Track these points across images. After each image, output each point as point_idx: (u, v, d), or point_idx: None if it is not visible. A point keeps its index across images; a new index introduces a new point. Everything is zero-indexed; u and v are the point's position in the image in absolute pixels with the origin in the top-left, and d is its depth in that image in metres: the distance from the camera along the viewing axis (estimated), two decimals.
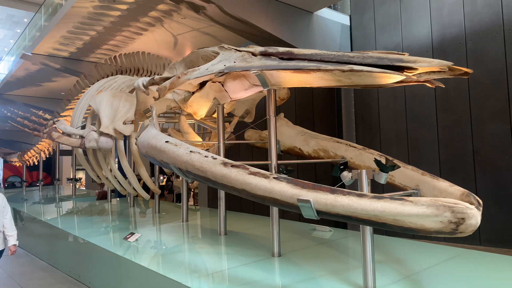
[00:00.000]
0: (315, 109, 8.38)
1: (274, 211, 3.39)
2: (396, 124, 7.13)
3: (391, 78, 2.37)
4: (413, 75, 2.17)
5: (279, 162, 3.44)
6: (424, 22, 6.82)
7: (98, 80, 7.70)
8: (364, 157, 3.60)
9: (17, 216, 7.08)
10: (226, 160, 2.66)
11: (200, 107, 4.60)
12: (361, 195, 2.07)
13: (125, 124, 5.10)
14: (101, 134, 5.10)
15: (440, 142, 6.51)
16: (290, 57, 2.93)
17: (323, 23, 7.54)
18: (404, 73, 2.15)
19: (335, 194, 2.12)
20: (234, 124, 5.10)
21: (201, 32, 8.25)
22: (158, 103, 4.74)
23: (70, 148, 15.02)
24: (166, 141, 3.14)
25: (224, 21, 6.62)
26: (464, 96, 6.21)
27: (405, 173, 2.96)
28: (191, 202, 15.73)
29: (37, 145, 11.17)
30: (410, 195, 2.39)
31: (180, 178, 13.89)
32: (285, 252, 3.43)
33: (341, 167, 2.58)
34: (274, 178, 2.36)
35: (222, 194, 4.33)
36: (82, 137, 5.25)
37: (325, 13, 7.59)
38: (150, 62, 6.46)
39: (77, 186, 15.77)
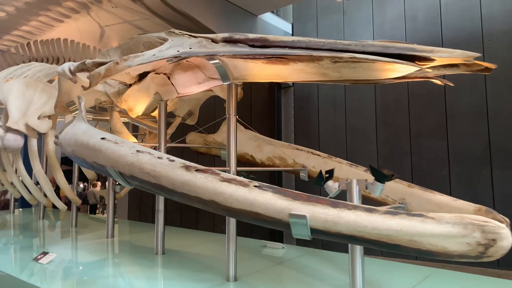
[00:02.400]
0: (253, 118, 8.03)
1: (232, 225, 2.87)
2: (335, 137, 7.02)
3: (393, 72, 2.03)
4: (428, 67, 1.84)
5: (239, 168, 2.94)
6: (367, 36, 6.84)
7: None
8: (329, 166, 3.24)
9: None
10: (188, 163, 2.10)
11: (137, 102, 3.94)
12: (371, 210, 1.66)
13: (40, 119, 4.21)
14: (8, 130, 4.15)
15: (379, 156, 6.51)
16: (264, 45, 2.48)
17: (266, 28, 7.25)
18: (418, 63, 1.81)
19: (338, 208, 1.68)
20: (176, 126, 4.50)
21: (133, 25, 7.45)
22: (85, 96, 3.96)
23: None
24: (103, 138, 2.47)
25: (163, 13, 5.98)
26: (403, 110, 6.28)
27: (387, 185, 2.64)
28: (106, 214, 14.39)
29: None
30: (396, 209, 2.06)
31: (98, 186, 12.59)
32: (241, 275, 2.91)
33: (326, 176, 2.17)
34: (255, 186, 1.86)
35: (161, 206, 3.68)
36: None
37: (269, 18, 7.31)
38: (74, 52, 5.59)
39: None
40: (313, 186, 2.73)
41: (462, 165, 5.70)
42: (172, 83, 3.54)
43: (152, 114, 4.21)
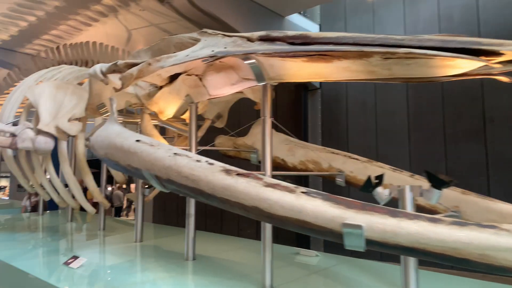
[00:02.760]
0: (278, 121, 7.89)
1: (267, 232, 2.73)
2: (365, 140, 6.81)
3: (453, 68, 1.86)
4: (495, 63, 1.67)
5: (274, 173, 2.81)
6: None
7: None
8: (369, 171, 3.07)
9: None
10: (228, 166, 1.99)
11: (168, 105, 3.87)
12: (435, 220, 1.50)
13: (71, 122, 4.19)
14: (39, 132, 4.14)
15: (411, 160, 6.27)
16: (305, 42, 2.34)
17: (294, 29, 7.11)
18: (483, 58, 1.65)
19: (398, 218, 1.53)
20: (205, 128, 4.41)
21: (159, 28, 7.46)
22: (115, 98, 3.91)
23: None
24: (137, 140, 2.38)
25: (190, 15, 5.93)
26: (438, 112, 6.03)
27: None
28: (131, 217, 14.50)
29: None
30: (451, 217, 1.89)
31: (114, 187, 12.61)
32: (277, 285, 2.77)
33: (376, 182, 2.01)
34: (303, 192, 1.72)
35: (192, 210, 3.58)
36: (13, 135, 4.24)
37: (296, 19, 7.18)
38: (102, 55, 5.58)
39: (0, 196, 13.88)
40: (341, 191, 2.57)
41: (502, 172, 5.41)
42: (203, 85, 3.44)
43: (182, 116, 4.13)
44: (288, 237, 6.83)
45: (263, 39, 2.65)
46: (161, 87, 3.76)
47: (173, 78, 3.65)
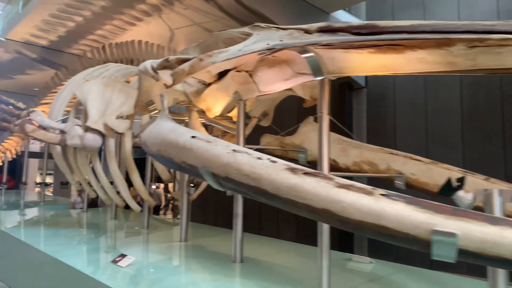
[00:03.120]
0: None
1: (325, 237, 2.56)
2: (414, 141, 6.48)
3: None
4: None
5: (333, 173, 2.63)
6: None
7: None
8: (434, 174, 2.84)
9: None
10: (293, 164, 1.84)
11: (216, 102, 3.77)
12: None
13: (118, 119, 4.19)
14: (88, 129, 4.16)
15: (465, 164, 5.89)
16: (373, 32, 2.16)
17: None
18: None
19: (499, 226, 1.33)
20: (252, 127, 4.29)
21: (202, 27, 7.44)
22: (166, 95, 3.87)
23: (38, 149, 13.70)
24: (193, 136, 2.28)
25: (235, 12, 5.86)
26: (496, 112, 5.63)
27: None
28: (169, 215, 14.66)
29: (2, 143, 9.94)
30: None
31: (161, 187, 12.72)
32: None
33: (457, 184, 1.80)
34: (382, 195, 1.55)
35: (239, 209, 3.47)
36: (63, 132, 4.29)
37: (342, 15, 6.95)
38: (148, 54, 5.59)
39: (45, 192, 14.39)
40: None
41: None
42: (254, 81, 3.32)
43: (228, 114, 4.03)
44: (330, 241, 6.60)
45: (323, 30, 2.49)
46: (209, 84, 3.68)
47: (221, 74, 3.56)
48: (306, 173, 1.74)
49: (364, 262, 3.48)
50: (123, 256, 3.39)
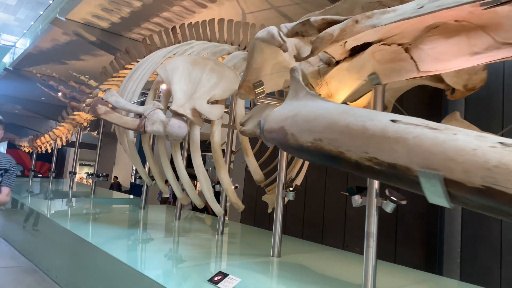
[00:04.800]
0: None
1: None
2: None
3: None
4: None
5: None
6: None
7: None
8: None
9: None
10: None
11: (342, 86, 2.98)
12: None
13: (209, 104, 3.48)
14: (174, 114, 3.47)
15: None
16: None
17: None
18: None
19: None
20: None
21: (278, 11, 6.69)
22: (273, 78, 3.11)
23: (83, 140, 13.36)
24: (394, 120, 1.50)
25: None
26: None
27: None
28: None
29: (54, 130, 9.54)
30: None
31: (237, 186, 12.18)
32: None
33: None
34: None
35: (373, 228, 2.66)
36: (142, 116, 3.62)
37: None
38: (235, 33, 4.85)
39: (87, 183, 14.10)
40: None
41: None
42: (411, 57, 2.51)
43: (352, 103, 3.24)
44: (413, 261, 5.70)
45: None
46: (337, 63, 2.90)
47: (354, 50, 2.77)
48: None
49: None
50: (222, 275, 2.65)
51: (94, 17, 7.80)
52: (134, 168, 17.06)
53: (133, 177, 18.32)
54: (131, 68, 6.44)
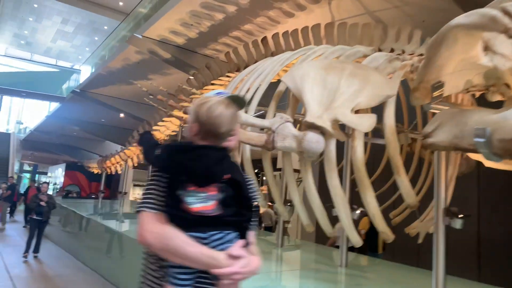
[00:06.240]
0: None
1: None
2: None
3: None
4: None
5: None
6: None
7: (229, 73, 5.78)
8: None
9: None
10: None
11: None
12: None
13: (356, 113, 2.93)
14: (307, 128, 2.94)
15: None
16: None
17: None
18: None
19: None
20: None
21: (373, 17, 6.12)
22: (453, 78, 2.51)
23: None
24: None
25: None
26: None
27: None
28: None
29: (124, 151, 9.38)
30: None
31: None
32: None
33: None
34: None
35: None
36: (269, 130, 3.12)
37: None
38: (350, 37, 4.30)
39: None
40: None
41: None
42: None
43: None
44: None
45: None
46: None
47: None
48: None
49: None
50: None
51: (171, 33, 7.56)
52: None
53: None
54: (216, 84, 6.07)
